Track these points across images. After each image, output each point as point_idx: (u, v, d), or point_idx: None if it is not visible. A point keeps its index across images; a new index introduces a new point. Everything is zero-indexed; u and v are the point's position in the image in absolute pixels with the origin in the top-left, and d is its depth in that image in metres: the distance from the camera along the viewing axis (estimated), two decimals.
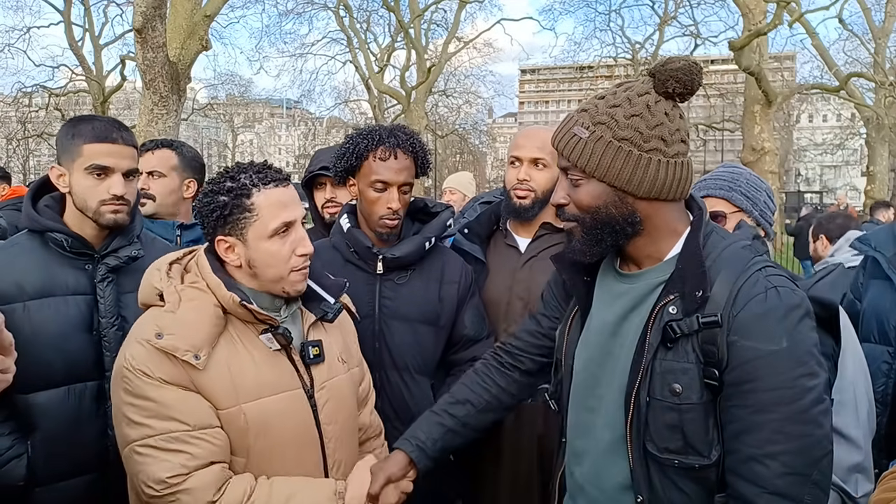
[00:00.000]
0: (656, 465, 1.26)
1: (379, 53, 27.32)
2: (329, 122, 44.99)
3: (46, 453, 1.71)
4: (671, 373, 1.24)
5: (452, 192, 4.89)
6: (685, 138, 1.31)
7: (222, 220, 1.45)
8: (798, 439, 1.16)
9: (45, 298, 1.74)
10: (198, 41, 8.62)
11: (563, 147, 1.31)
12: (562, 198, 1.34)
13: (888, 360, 2.24)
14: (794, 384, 1.16)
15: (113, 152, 1.77)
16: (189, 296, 1.46)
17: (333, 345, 1.62)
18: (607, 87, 1.37)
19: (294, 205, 1.49)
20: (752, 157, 14.08)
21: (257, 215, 1.44)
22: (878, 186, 19.69)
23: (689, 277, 1.25)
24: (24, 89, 25.36)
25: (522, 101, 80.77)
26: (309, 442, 1.52)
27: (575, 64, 31.47)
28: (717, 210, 1.79)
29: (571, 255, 1.37)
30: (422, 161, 1.97)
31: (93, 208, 1.77)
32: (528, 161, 2.06)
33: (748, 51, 13.48)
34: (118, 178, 1.78)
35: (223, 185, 1.46)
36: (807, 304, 1.21)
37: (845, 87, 17.94)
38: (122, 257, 1.82)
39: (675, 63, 1.26)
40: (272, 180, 1.47)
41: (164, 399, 1.38)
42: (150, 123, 8.33)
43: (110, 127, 1.79)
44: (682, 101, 1.31)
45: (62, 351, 1.72)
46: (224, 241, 1.48)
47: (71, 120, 1.85)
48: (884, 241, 2.32)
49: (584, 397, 1.42)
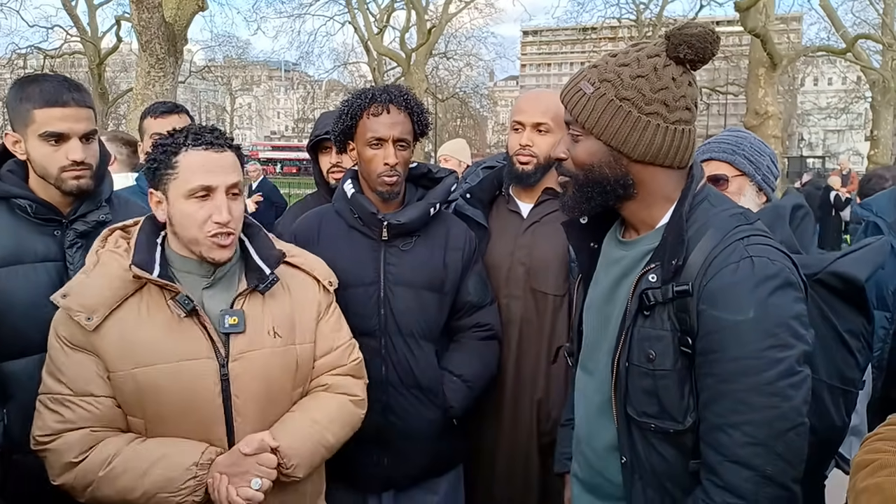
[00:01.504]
0: (637, 428, 1.30)
1: (378, 14, 26.82)
2: (328, 85, 44.48)
3: (23, 421, 1.64)
4: (647, 339, 1.26)
5: (447, 159, 4.85)
6: (691, 106, 1.29)
7: (151, 174, 1.51)
8: (762, 410, 1.15)
9: (14, 266, 1.70)
10: (194, 1, 8.45)
11: (568, 101, 1.31)
12: (561, 152, 1.35)
13: (885, 325, 2.25)
14: (761, 355, 1.15)
15: (67, 116, 1.69)
16: (104, 259, 1.52)
17: (267, 317, 1.56)
18: (618, 48, 1.35)
19: (221, 171, 1.48)
20: (755, 122, 13.93)
21: (178, 173, 1.47)
22: (881, 151, 19.52)
23: (670, 246, 1.26)
24: (18, 51, 25.04)
25: (524, 64, 79.66)
26: (212, 413, 1.48)
27: (578, 25, 30.91)
28: (719, 173, 1.78)
29: (562, 209, 1.39)
30: (418, 118, 1.94)
31: (53, 175, 1.71)
32: (530, 126, 2.04)
33: (754, 12, 13.23)
34: (75, 143, 1.70)
35: (163, 141, 1.51)
36: (785, 275, 1.19)
37: (852, 50, 17.69)
38: (90, 222, 1.79)
39: (691, 29, 1.25)
40: (204, 143, 1.48)
41: (59, 361, 1.48)
42: (147, 86, 8.22)
43: (60, 88, 1.69)
44: (694, 69, 1.29)
45: (34, 319, 1.66)
46: (153, 194, 1.52)
47: (17, 81, 1.75)
48: (885, 206, 2.31)
49: (585, 359, 1.46)
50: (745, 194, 1.78)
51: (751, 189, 1.80)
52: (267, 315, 1.56)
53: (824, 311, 1.47)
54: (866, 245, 1.53)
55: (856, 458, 0.97)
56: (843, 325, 1.48)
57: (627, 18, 26.84)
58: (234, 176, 1.50)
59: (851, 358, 1.49)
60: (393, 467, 1.93)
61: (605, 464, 1.39)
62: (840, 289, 1.47)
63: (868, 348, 1.52)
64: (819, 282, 1.47)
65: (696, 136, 1.33)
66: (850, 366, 1.50)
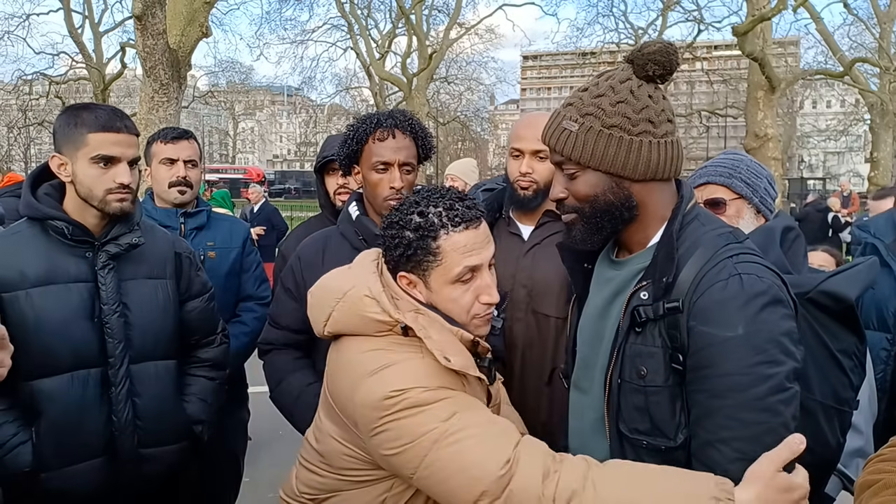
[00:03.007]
0: (629, 445, 1.30)
1: (380, 40, 27.19)
2: (330, 110, 44.83)
3: (52, 439, 1.73)
4: (639, 356, 1.27)
5: (454, 179, 4.83)
6: (671, 117, 1.34)
7: (405, 259, 1.38)
8: (751, 426, 1.16)
9: (48, 286, 1.75)
10: (198, 28, 8.58)
11: (555, 143, 1.34)
12: (560, 192, 1.36)
13: (887, 346, 2.26)
14: (750, 371, 1.16)
15: (119, 141, 1.78)
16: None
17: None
18: (588, 79, 1.40)
19: (482, 248, 1.39)
20: (755, 144, 14.02)
21: (441, 260, 1.36)
22: (881, 173, 19.60)
23: (661, 263, 1.27)
24: (24, 77, 25.34)
25: (524, 88, 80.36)
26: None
27: (577, 50, 31.18)
28: (717, 197, 1.79)
29: (573, 244, 1.40)
30: (422, 142, 1.97)
31: (99, 197, 1.78)
32: (529, 153, 2.06)
33: (752, 36, 13.39)
34: (124, 167, 1.79)
35: (410, 220, 1.37)
36: (774, 293, 1.20)
37: (850, 73, 17.84)
38: (122, 244, 1.83)
39: (650, 47, 1.30)
40: (463, 221, 1.36)
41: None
42: (151, 111, 8.32)
43: (114, 116, 1.80)
44: (663, 83, 1.34)
45: (65, 338, 1.74)
46: (406, 277, 1.41)
47: (70, 108, 1.84)
48: (883, 228, 2.33)
49: (579, 378, 1.47)
50: (744, 217, 1.79)
51: (749, 212, 1.81)
52: None
53: (817, 331, 1.47)
54: (857, 264, 1.54)
55: (859, 480, 0.97)
56: (835, 344, 1.48)
57: (626, 43, 27.13)
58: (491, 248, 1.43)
59: (845, 378, 1.49)
60: None
61: None
62: (831, 307, 1.47)
63: (861, 367, 1.52)
64: (810, 301, 1.47)
65: (681, 144, 1.37)
66: (843, 385, 1.49)
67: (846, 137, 37.76)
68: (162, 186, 2.63)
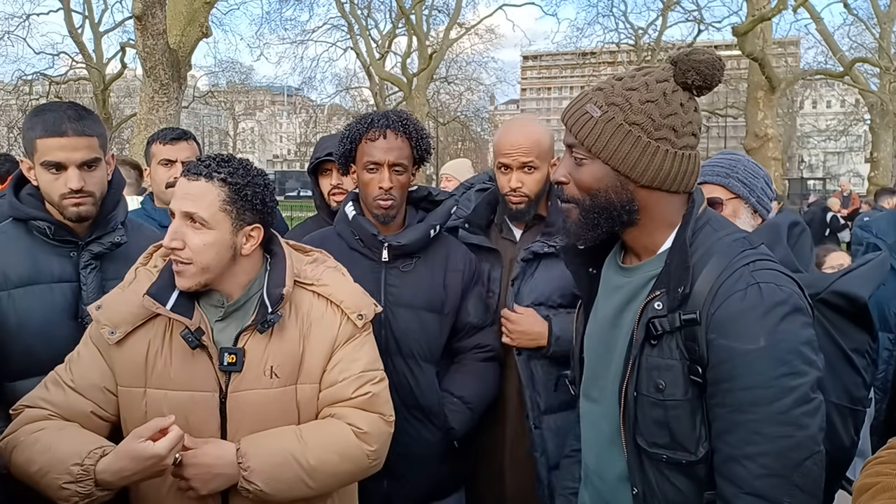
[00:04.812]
0: (648, 458, 1.27)
1: (380, 40, 27.19)
2: (330, 110, 44.82)
3: None
4: (656, 369, 1.23)
5: (449, 178, 4.79)
6: (696, 132, 1.29)
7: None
8: (777, 441, 1.13)
9: (30, 286, 1.73)
10: (198, 28, 8.58)
11: (573, 123, 1.28)
12: (563, 175, 1.31)
13: (888, 346, 2.25)
14: (774, 384, 1.13)
15: (64, 146, 1.72)
16: (140, 276, 1.56)
17: (269, 355, 1.50)
18: (624, 71, 1.34)
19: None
20: (755, 144, 14.02)
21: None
22: (881, 173, 19.60)
23: (675, 273, 1.23)
24: (24, 77, 25.32)
25: (524, 88, 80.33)
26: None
27: (577, 50, 31.11)
28: (713, 196, 1.79)
29: (566, 236, 1.37)
30: (417, 143, 1.96)
31: (56, 202, 1.76)
32: (517, 168, 2.04)
33: (752, 36, 13.39)
34: (73, 172, 1.73)
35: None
36: (794, 301, 1.17)
37: (850, 73, 17.85)
38: (105, 244, 1.82)
39: (699, 55, 1.25)
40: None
41: (81, 353, 1.55)
42: (151, 111, 8.32)
43: (61, 118, 1.73)
44: (699, 95, 1.29)
45: (47, 338, 1.70)
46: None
47: (32, 110, 1.82)
48: (885, 228, 2.32)
49: (589, 388, 1.43)
50: (741, 217, 1.79)
51: (746, 211, 1.81)
52: (269, 353, 1.51)
53: (829, 331, 1.45)
54: (867, 262, 1.52)
55: (857, 482, 0.96)
56: (848, 343, 1.47)
57: (626, 43, 27.13)
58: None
59: (858, 377, 1.48)
60: (393, 489, 1.91)
61: (616, 495, 1.35)
62: (844, 307, 1.45)
63: (873, 365, 1.51)
64: (822, 301, 1.45)
65: (699, 161, 1.32)
66: (857, 385, 1.48)
67: (846, 137, 37.75)
68: (160, 187, 2.63)
